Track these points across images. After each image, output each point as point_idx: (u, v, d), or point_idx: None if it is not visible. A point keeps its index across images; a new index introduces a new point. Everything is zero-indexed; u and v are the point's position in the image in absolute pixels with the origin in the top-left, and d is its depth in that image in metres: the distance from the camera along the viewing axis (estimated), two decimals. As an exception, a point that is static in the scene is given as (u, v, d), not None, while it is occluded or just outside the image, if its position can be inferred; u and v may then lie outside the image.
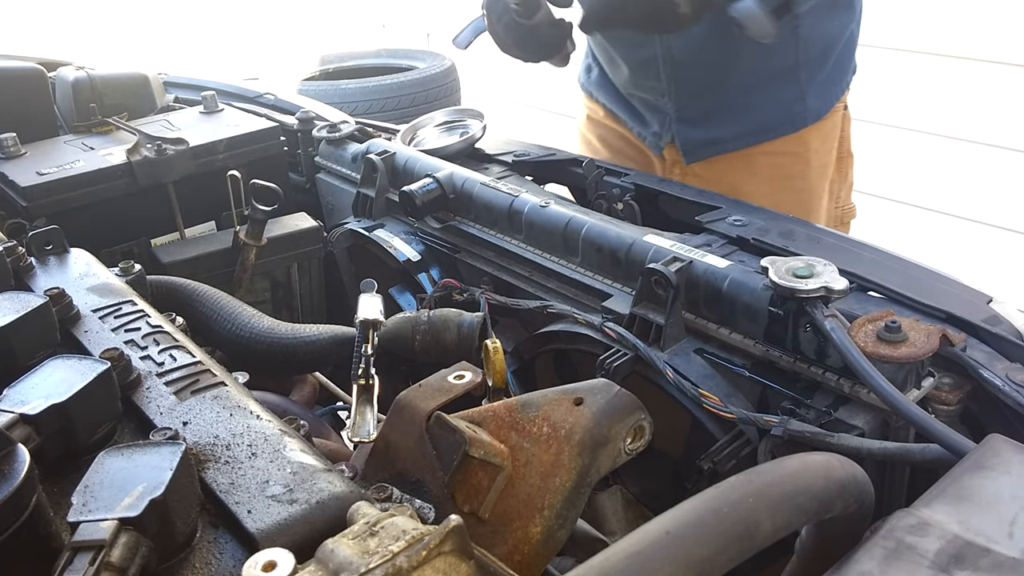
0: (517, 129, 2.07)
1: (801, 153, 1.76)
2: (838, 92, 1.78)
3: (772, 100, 1.68)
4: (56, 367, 0.76)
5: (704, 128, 1.74)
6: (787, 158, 1.76)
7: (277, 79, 4.30)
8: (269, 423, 0.77)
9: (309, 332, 1.21)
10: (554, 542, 0.75)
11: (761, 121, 1.72)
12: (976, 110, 3.63)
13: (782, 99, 1.68)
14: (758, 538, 0.56)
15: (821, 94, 1.74)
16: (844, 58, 1.76)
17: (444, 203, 1.45)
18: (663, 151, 1.80)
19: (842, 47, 1.73)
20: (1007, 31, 3.50)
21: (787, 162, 1.76)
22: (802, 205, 1.76)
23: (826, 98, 1.75)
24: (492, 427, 0.78)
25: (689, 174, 1.76)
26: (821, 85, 1.72)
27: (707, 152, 1.75)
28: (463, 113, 1.79)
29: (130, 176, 1.55)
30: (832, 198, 1.86)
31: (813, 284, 0.95)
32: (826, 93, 1.75)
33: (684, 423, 1.13)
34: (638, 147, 1.87)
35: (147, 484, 0.61)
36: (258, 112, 1.86)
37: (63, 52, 2.53)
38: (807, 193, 1.79)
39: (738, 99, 1.66)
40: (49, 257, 1.12)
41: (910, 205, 3.82)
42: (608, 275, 1.24)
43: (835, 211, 1.87)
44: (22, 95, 1.75)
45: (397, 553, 0.53)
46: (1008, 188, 3.57)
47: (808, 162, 1.77)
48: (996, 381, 0.91)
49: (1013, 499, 0.62)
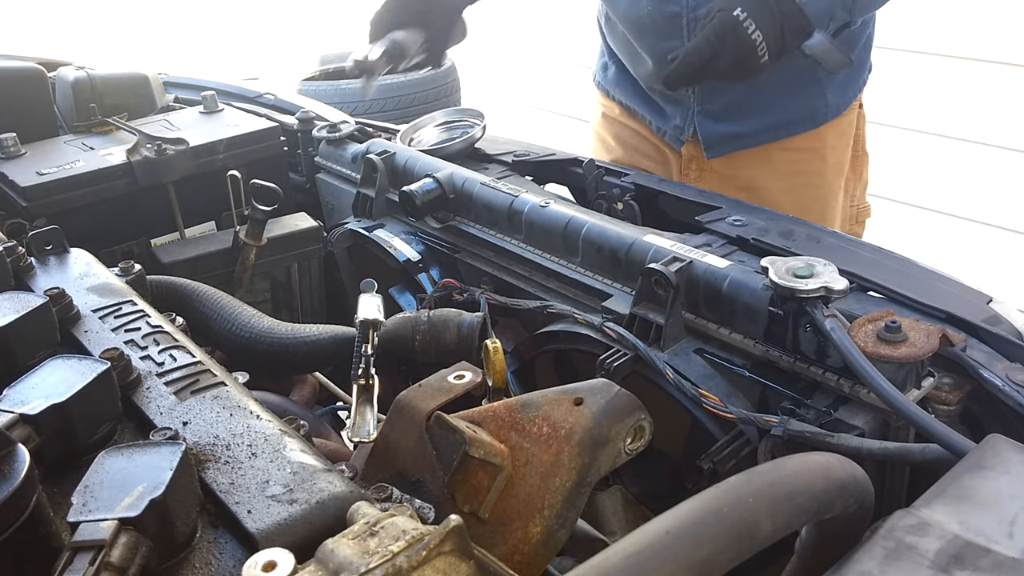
0: (517, 129, 2.07)
1: (819, 149, 1.77)
2: (856, 90, 1.80)
3: (794, 96, 1.69)
4: (56, 367, 0.76)
5: (726, 123, 1.74)
6: (805, 154, 1.77)
7: (277, 79, 4.30)
8: (269, 423, 0.77)
9: (309, 332, 1.21)
10: (554, 542, 0.75)
11: (783, 117, 1.73)
12: (977, 110, 3.63)
13: (804, 95, 1.69)
14: (758, 538, 0.56)
15: (840, 91, 1.75)
16: (862, 56, 1.78)
17: (444, 203, 1.45)
18: (683, 146, 1.80)
19: (861, 46, 1.74)
20: (1008, 31, 3.50)
21: (805, 158, 1.77)
22: (818, 202, 1.77)
23: (844, 95, 1.77)
24: (492, 427, 0.78)
25: (707, 169, 1.76)
26: (840, 82, 1.74)
27: (728, 147, 1.76)
28: (463, 113, 1.79)
29: (130, 176, 1.55)
30: (847, 196, 1.87)
31: (813, 284, 0.95)
32: (845, 90, 1.77)
33: (684, 423, 1.13)
34: (655, 144, 1.87)
35: (147, 484, 0.61)
36: (258, 112, 1.86)
37: (63, 52, 2.53)
38: (823, 189, 1.80)
39: (761, 94, 1.66)
40: (49, 257, 1.12)
41: (910, 205, 3.82)
42: (608, 275, 1.24)
43: (851, 209, 1.88)
44: (22, 95, 1.75)
45: (397, 553, 0.53)
46: (1008, 188, 3.57)
47: (825, 159, 1.78)
48: (996, 381, 0.91)
49: (1013, 499, 0.62)
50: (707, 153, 1.76)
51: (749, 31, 1.37)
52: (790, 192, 1.70)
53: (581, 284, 1.26)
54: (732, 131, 1.74)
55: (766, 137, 1.75)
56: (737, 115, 1.73)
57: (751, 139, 1.75)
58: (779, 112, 1.72)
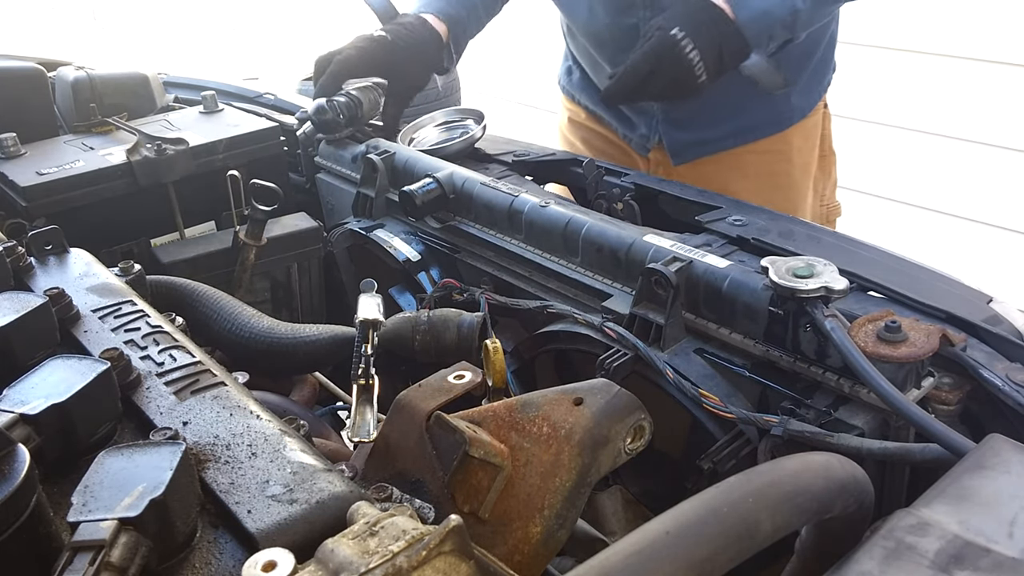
0: (517, 129, 2.07)
1: (785, 151, 1.78)
2: (820, 91, 1.81)
3: (758, 100, 1.68)
4: (56, 367, 0.76)
5: (691, 130, 1.74)
6: (771, 156, 1.77)
7: (277, 79, 4.30)
8: (269, 423, 0.77)
9: (309, 332, 1.21)
10: (554, 542, 0.75)
11: (747, 122, 1.74)
12: (980, 110, 3.63)
13: (768, 99, 1.68)
14: (758, 538, 0.56)
15: (804, 93, 1.76)
16: (825, 57, 1.78)
17: (444, 203, 1.45)
18: (649, 153, 1.80)
19: (824, 47, 1.74)
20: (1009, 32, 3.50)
21: (771, 160, 1.77)
22: (787, 202, 1.78)
23: (809, 98, 1.78)
24: (492, 427, 0.78)
25: (675, 174, 1.76)
26: (804, 85, 1.75)
27: (694, 153, 1.76)
28: (463, 113, 1.79)
29: (130, 176, 1.55)
30: (817, 196, 1.88)
31: (813, 284, 0.95)
32: (809, 92, 1.77)
33: (684, 423, 1.13)
34: (622, 148, 1.87)
35: (147, 484, 0.61)
36: (258, 112, 1.86)
37: (63, 52, 2.53)
38: (791, 190, 1.80)
39: (725, 100, 1.65)
40: (49, 257, 1.12)
41: (911, 205, 3.82)
42: (608, 275, 1.24)
43: (820, 208, 1.89)
44: (22, 95, 1.75)
45: (397, 553, 0.53)
46: (1009, 188, 3.57)
47: (791, 160, 1.78)
48: (996, 381, 0.91)
49: (1013, 499, 0.62)
50: (673, 160, 1.76)
51: (687, 51, 1.36)
52: (758, 194, 1.69)
53: (581, 284, 1.26)
54: (698, 138, 1.74)
55: (732, 142, 1.75)
56: (702, 122, 1.73)
57: (717, 144, 1.75)
58: (744, 117, 1.72)
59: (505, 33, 2.07)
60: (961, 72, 3.66)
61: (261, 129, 1.70)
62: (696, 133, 1.74)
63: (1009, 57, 3.53)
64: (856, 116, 3.98)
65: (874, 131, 3.95)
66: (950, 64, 3.69)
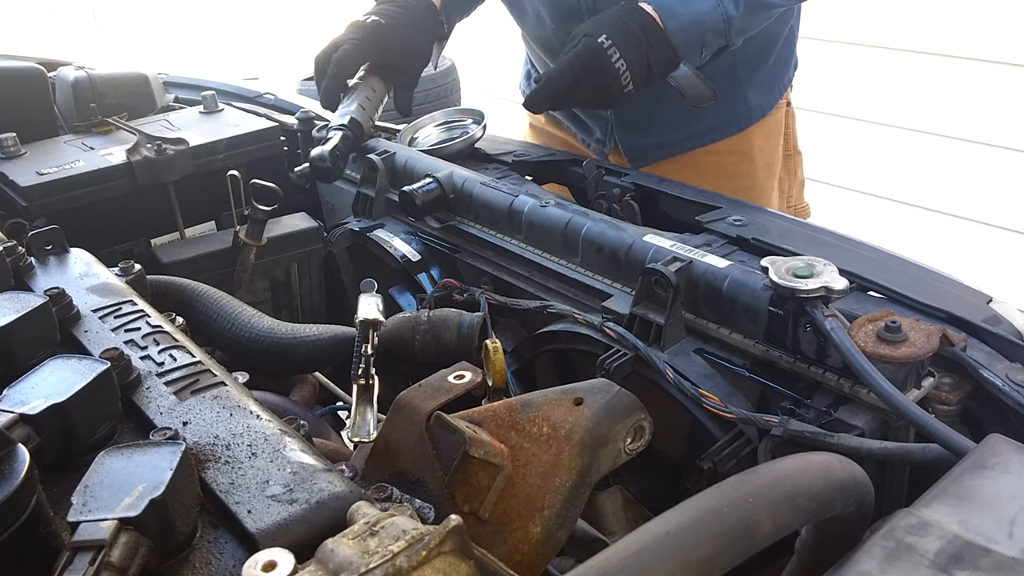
0: (517, 129, 2.07)
1: (746, 152, 1.75)
2: (780, 89, 1.77)
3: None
4: (56, 367, 0.76)
5: (646, 133, 1.72)
6: (732, 157, 1.74)
7: (277, 79, 4.30)
8: (269, 423, 0.77)
9: (309, 332, 1.21)
10: (554, 542, 0.75)
11: (703, 124, 1.70)
12: (985, 110, 3.63)
13: (723, 100, 1.60)
14: (758, 538, 0.56)
15: (762, 92, 1.72)
16: (784, 55, 1.75)
17: (444, 203, 1.45)
18: (608, 157, 1.79)
19: (781, 44, 1.72)
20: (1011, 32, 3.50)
21: (733, 161, 1.75)
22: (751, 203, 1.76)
23: (768, 96, 1.74)
24: (492, 427, 0.78)
25: None
26: (761, 83, 1.71)
27: (652, 157, 1.73)
28: (463, 113, 1.79)
29: (130, 176, 1.55)
30: (783, 196, 1.85)
31: (813, 284, 0.95)
32: (767, 91, 1.74)
33: (684, 423, 1.13)
34: (583, 152, 1.86)
35: (147, 484, 0.61)
36: (258, 112, 1.86)
37: (63, 52, 2.53)
38: (755, 191, 1.77)
39: (677, 102, 1.57)
40: (49, 257, 1.12)
41: (911, 205, 3.82)
42: (608, 275, 1.24)
43: (787, 209, 1.86)
44: (22, 95, 1.75)
45: (397, 553, 0.53)
46: (1009, 188, 3.57)
47: (753, 160, 1.76)
48: (996, 381, 0.91)
49: (1013, 499, 0.62)
50: (632, 164, 1.73)
51: (613, 59, 1.33)
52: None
53: (581, 284, 1.26)
54: (654, 141, 1.72)
55: (689, 144, 1.72)
56: (656, 125, 1.70)
57: (675, 147, 1.72)
58: (699, 120, 1.69)
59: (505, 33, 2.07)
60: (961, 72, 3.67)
61: (261, 129, 1.70)
62: (652, 137, 1.71)
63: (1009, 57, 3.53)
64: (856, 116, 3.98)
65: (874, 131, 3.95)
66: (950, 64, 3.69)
